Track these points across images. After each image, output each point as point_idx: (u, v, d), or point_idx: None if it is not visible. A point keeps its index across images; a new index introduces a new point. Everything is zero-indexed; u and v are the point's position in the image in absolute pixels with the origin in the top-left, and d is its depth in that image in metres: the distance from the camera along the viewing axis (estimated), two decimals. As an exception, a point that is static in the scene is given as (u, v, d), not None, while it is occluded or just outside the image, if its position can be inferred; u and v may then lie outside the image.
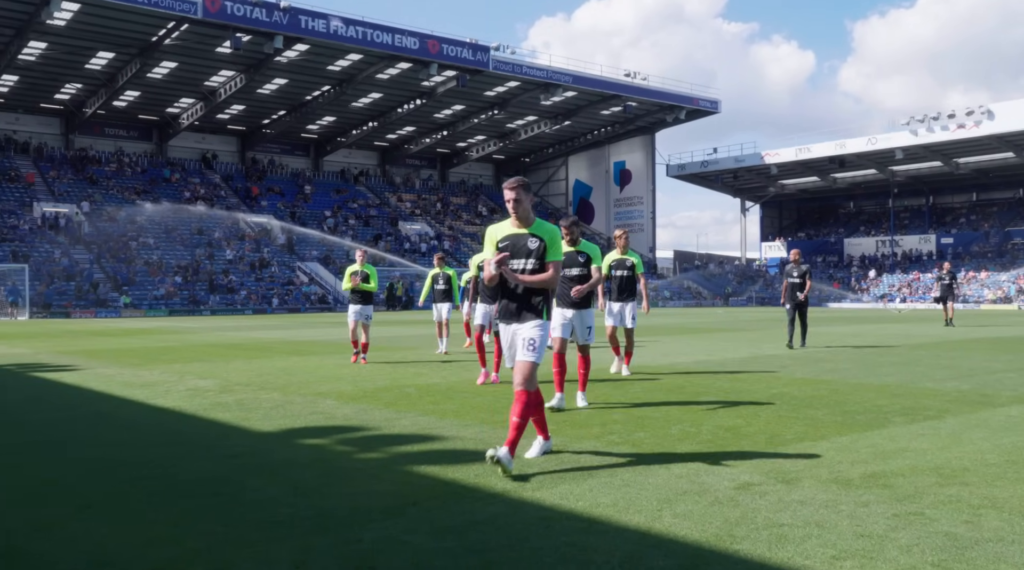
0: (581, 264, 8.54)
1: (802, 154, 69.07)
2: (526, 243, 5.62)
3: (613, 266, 11.05)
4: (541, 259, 5.61)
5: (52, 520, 4.39)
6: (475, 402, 8.71)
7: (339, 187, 67.67)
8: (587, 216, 77.68)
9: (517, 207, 5.63)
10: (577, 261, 8.49)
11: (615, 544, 3.87)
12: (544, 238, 5.63)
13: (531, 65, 56.74)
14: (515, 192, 5.62)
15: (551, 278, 5.60)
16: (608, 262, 10.85)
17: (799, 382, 10.31)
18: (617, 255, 11.04)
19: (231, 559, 3.70)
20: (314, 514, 4.41)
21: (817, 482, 4.98)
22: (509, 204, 5.65)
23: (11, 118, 56.94)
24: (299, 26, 46.00)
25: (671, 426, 7.07)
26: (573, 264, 8.46)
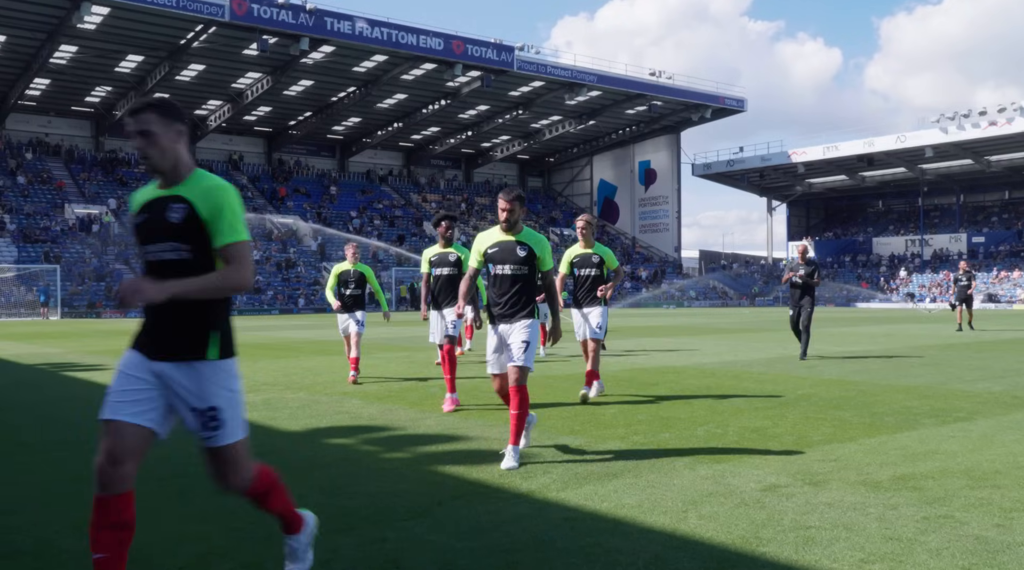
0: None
1: (830, 152, 68.36)
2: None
3: (576, 263, 9.09)
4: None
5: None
6: (498, 402, 8.71)
7: (364, 188, 68.01)
8: (612, 216, 77.46)
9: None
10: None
11: (640, 545, 3.86)
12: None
13: (555, 65, 56.67)
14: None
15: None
16: (569, 259, 9.11)
17: (826, 383, 10.22)
18: (580, 250, 9.06)
19: (258, 557, 3.74)
20: (340, 513, 4.45)
21: (845, 484, 4.94)
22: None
23: (43, 121, 57.81)
24: (325, 28, 46.28)
25: (696, 427, 7.03)
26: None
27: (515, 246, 5.95)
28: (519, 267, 5.93)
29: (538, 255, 5.94)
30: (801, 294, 13.60)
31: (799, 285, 13.64)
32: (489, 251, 6.03)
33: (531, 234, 6.04)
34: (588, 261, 8.94)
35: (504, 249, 5.98)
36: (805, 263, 13.72)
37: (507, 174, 78.80)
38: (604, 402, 8.67)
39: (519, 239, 5.97)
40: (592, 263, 8.91)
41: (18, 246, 46.73)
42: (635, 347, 17.20)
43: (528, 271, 5.94)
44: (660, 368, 12.49)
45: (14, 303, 42.93)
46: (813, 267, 13.68)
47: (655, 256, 72.92)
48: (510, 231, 5.99)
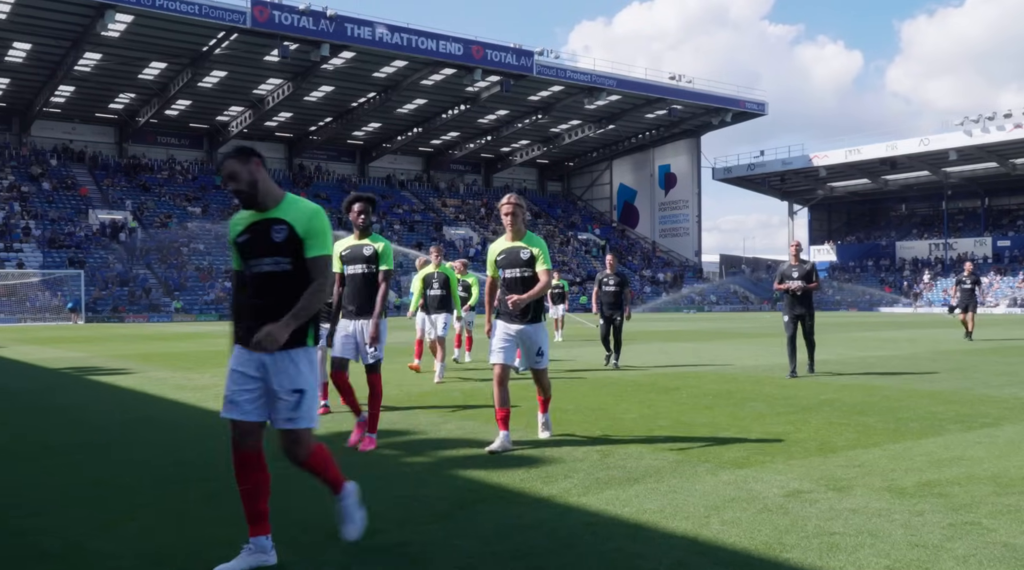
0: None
1: (852, 156, 67.86)
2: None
3: (500, 262, 6.50)
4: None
5: (111, 519, 4.50)
6: (520, 407, 8.71)
7: (384, 193, 68.25)
8: (632, 220, 77.29)
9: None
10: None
11: (662, 550, 3.85)
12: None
13: (575, 69, 56.68)
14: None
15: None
16: (493, 256, 6.55)
17: (849, 388, 10.13)
18: (506, 244, 6.48)
19: (283, 561, 3.75)
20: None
21: (869, 490, 4.89)
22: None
23: (68, 128, 58.53)
24: (345, 34, 46.57)
25: (718, 432, 7.00)
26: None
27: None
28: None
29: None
30: (798, 301, 11.51)
31: (797, 294, 11.49)
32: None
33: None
34: (515, 258, 6.38)
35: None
36: (799, 263, 11.67)
37: (526, 179, 78.84)
38: (624, 406, 8.65)
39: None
40: (520, 260, 6.35)
41: (43, 251, 47.32)
42: (655, 351, 17.14)
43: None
44: (680, 373, 12.44)
45: (39, 308, 43.45)
46: (809, 268, 11.65)
47: (675, 260, 72.67)
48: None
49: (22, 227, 48.75)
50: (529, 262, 6.34)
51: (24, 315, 42.69)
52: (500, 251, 6.47)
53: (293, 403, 3.65)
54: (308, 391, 3.69)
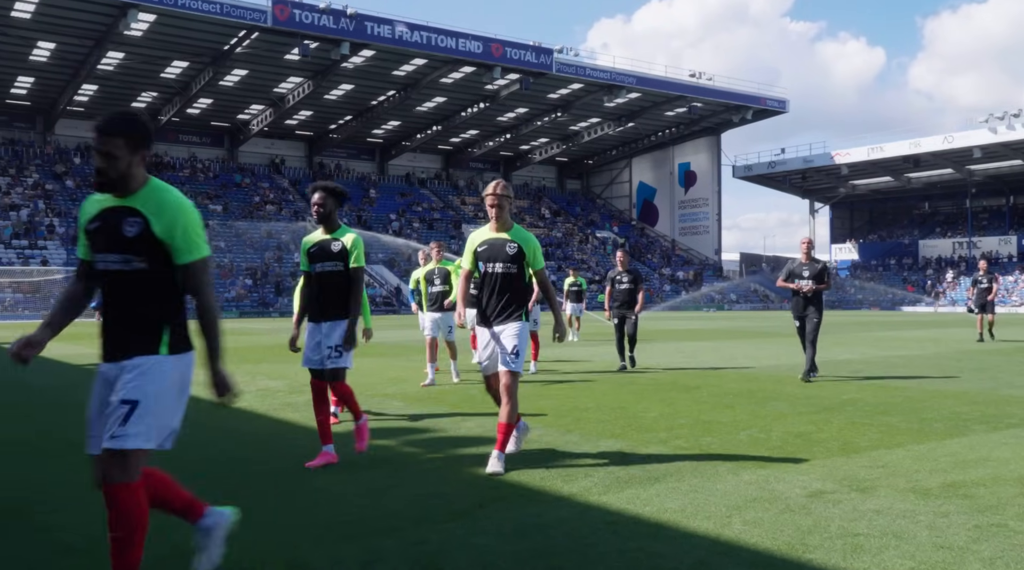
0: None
1: (874, 154, 67.24)
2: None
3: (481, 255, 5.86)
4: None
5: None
6: (538, 404, 8.71)
7: (404, 191, 68.43)
8: (651, 218, 77.01)
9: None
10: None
11: (683, 550, 3.82)
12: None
13: (594, 67, 56.54)
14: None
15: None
16: (473, 247, 5.90)
17: (872, 388, 10.04)
18: (490, 234, 5.85)
19: (303, 557, 3.77)
20: (382, 514, 4.47)
21: (894, 491, 4.84)
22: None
23: (90, 126, 58.45)
24: (365, 32, 46.70)
25: (739, 431, 6.95)
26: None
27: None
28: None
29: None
30: (806, 302, 10.90)
31: (807, 295, 10.86)
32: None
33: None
34: (499, 251, 5.74)
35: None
36: (810, 262, 10.97)
37: (545, 177, 78.77)
38: (644, 405, 8.62)
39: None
40: (506, 255, 5.71)
41: (67, 249, 47.82)
42: (675, 350, 17.06)
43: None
44: (700, 371, 12.38)
45: (63, 304, 43.93)
46: (821, 267, 10.94)
47: (695, 258, 72.35)
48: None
49: (46, 225, 49.30)
50: (516, 258, 5.70)
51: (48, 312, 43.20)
52: (482, 242, 5.82)
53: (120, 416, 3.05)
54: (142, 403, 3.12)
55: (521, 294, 5.81)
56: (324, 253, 5.88)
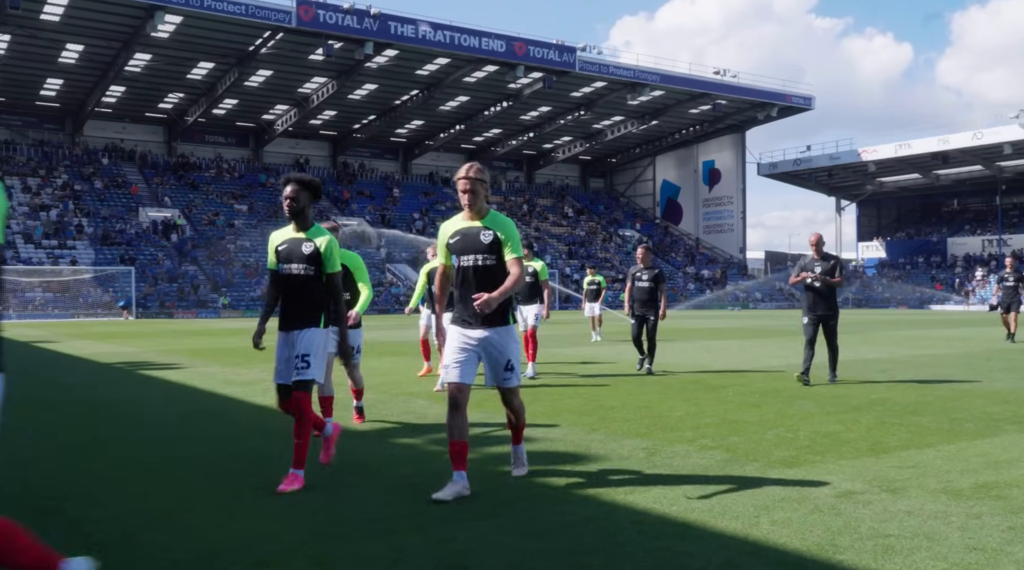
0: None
1: (902, 150, 66.46)
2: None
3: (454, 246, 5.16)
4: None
5: (164, 511, 4.58)
6: (563, 404, 8.69)
7: (427, 189, 68.62)
8: (675, 217, 76.65)
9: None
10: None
11: (712, 550, 3.80)
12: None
13: (618, 65, 56.33)
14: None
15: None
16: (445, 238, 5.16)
17: (902, 387, 9.92)
18: (463, 223, 5.15)
19: (331, 555, 3.78)
20: (409, 512, 4.48)
21: (925, 492, 4.78)
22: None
23: (118, 127, 59.80)
24: (388, 32, 46.86)
25: (766, 431, 6.90)
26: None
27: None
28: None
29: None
30: (820, 298, 10.31)
31: (817, 289, 10.30)
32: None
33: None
34: (474, 241, 5.00)
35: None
36: (821, 258, 10.35)
37: (568, 175, 78.64)
38: (670, 404, 8.57)
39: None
40: (481, 245, 4.97)
41: (95, 248, 48.44)
42: (700, 349, 16.96)
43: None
44: (726, 371, 12.30)
45: (92, 303, 44.49)
46: (833, 263, 10.32)
47: (719, 257, 71.93)
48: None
49: (75, 225, 49.95)
50: (492, 247, 4.95)
51: (77, 311, 43.75)
52: (454, 232, 5.09)
53: None
54: None
55: None
56: (294, 253, 5.26)
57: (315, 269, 5.26)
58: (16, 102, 54.68)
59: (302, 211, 5.33)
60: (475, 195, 5.00)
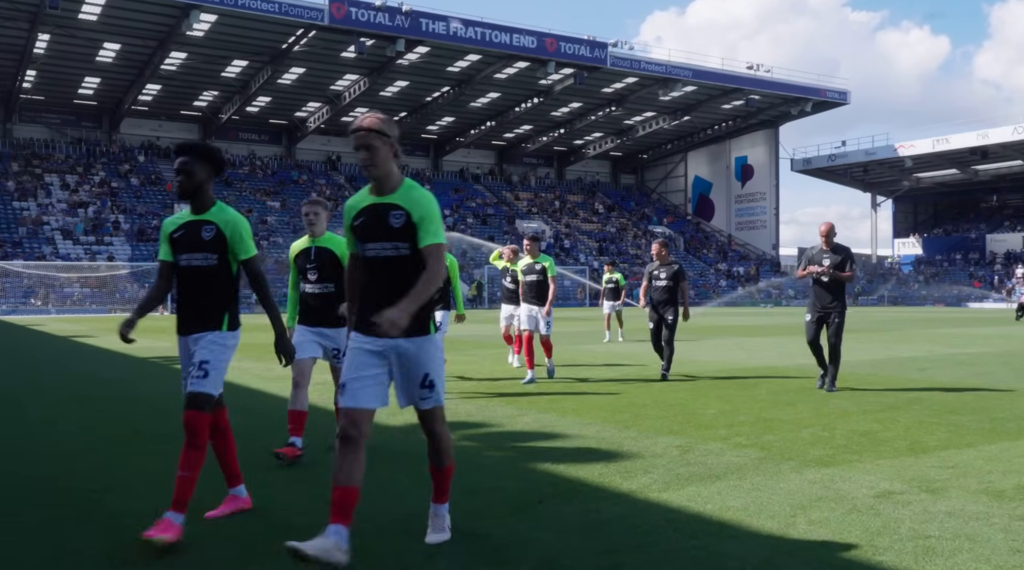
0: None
1: (940, 145, 65.37)
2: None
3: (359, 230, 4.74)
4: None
5: (199, 505, 4.62)
6: (594, 400, 8.67)
7: (458, 186, 68.75)
8: (707, 213, 76.07)
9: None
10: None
11: (748, 549, 3.76)
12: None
13: (649, 60, 55.99)
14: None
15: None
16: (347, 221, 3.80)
17: (940, 386, 9.77)
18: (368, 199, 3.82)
19: (368, 547, 3.80)
20: (443, 508, 4.48)
21: (965, 492, 4.70)
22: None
23: (154, 125, 60.63)
24: (420, 29, 46.99)
25: (801, 429, 6.82)
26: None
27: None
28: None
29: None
30: (827, 293, 9.36)
31: (824, 283, 9.37)
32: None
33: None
34: (381, 224, 3.76)
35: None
36: (831, 250, 9.40)
37: (599, 171, 78.37)
38: (703, 401, 8.51)
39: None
40: (388, 228, 3.74)
41: (131, 245, 49.17)
42: (733, 346, 16.82)
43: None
44: (760, 368, 12.19)
45: (128, 298, 45.18)
46: (843, 256, 9.36)
47: (752, 254, 71.28)
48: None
49: (112, 221, 50.74)
50: (404, 232, 3.64)
51: (114, 305, 44.44)
52: (358, 212, 3.79)
53: None
54: None
55: None
56: (191, 241, 4.27)
57: (219, 258, 4.30)
58: (55, 101, 55.65)
59: (199, 188, 4.26)
60: (373, 153, 3.64)
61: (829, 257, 9.34)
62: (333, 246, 5.98)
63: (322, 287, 5.97)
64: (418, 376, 3.80)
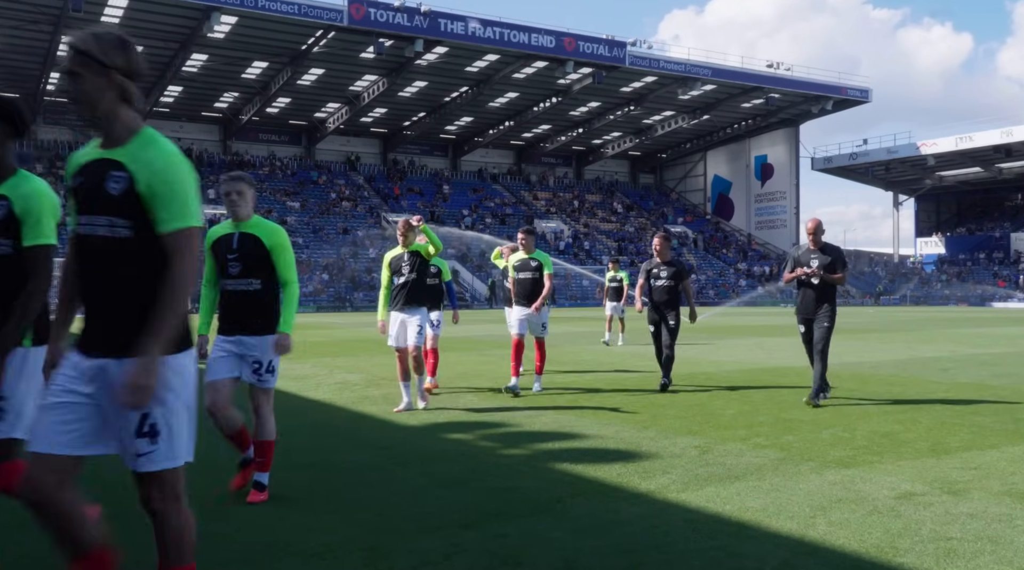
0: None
1: (963, 143, 64.67)
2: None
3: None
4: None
5: (226, 502, 4.67)
6: (612, 400, 8.66)
7: (476, 186, 68.81)
8: (726, 212, 75.69)
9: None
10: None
11: (767, 550, 3.75)
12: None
13: (668, 59, 55.77)
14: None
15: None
16: None
17: (963, 387, 9.67)
18: None
19: (386, 548, 3.82)
20: (460, 507, 4.50)
21: (988, 494, 4.65)
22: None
23: (176, 126, 61.12)
24: (438, 29, 47.09)
25: (821, 430, 6.78)
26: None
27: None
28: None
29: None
30: (815, 297, 8.41)
31: (813, 286, 8.40)
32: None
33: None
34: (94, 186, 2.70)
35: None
36: (819, 250, 8.43)
37: (618, 171, 78.17)
38: (721, 402, 8.48)
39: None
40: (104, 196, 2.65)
41: (154, 245, 49.62)
42: (752, 346, 16.73)
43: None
44: (779, 368, 12.12)
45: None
46: (834, 257, 8.40)
47: (772, 253, 70.85)
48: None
49: (135, 222, 51.23)
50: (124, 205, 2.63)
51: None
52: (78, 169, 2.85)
53: None
54: None
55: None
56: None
57: (11, 243, 3.29)
58: (78, 103, 56.24)
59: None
60: (78, 79, 2.72)
61: (818, 258, 8.37)
62: (261, 233, 4.72)
63: (245, 283, 4.74)
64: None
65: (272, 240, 4.68)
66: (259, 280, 4.70)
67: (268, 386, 4.91)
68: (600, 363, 13.06)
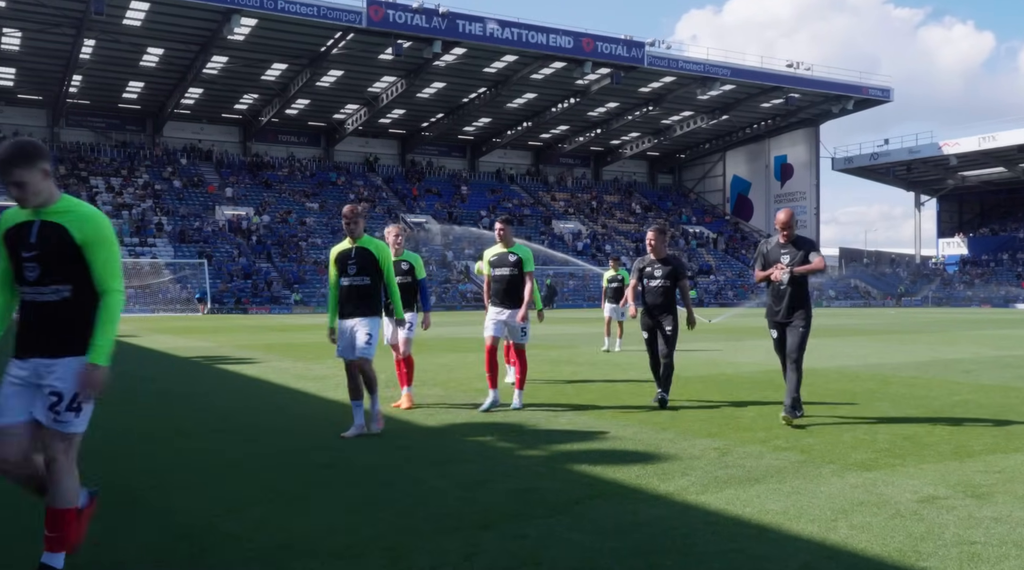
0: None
1: (986, 143, 64.05)
2: None
3: None
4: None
5: (244, 502, 4.70)
6: (630, 401, 8.62)
7: (494, 187, 68.88)
8: (745, 213, 75.31)
9: None
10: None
11: (787, 553, 3.72)
12: None
13: (687, 59, 55.59)
14: None
15: None
16: None
17: (986, 389, 9.56)
18: None
19: (405, 549, 3.82)
20: (480, 508, 4.50)
21: (1012, 498, 4.59)
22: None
23: (196, 128, 61.63)
24: (457, 30, 47.19)
25: (843, 432, 6.72)
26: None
27: None
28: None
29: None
30: (789, 299, 7.31)
31: (785, 285, 7.27)
32: None
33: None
34: None
35: None
36: (791, 244, 7.45)
37: (636, 172, 78.00)
38: (742, 405, 8.43)
39: None
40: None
41: (174, 246, 49.99)
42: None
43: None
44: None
45: (171, 299, 45.96)
46: (807, 251, 7.37)
47: (791, 254, 70.40)
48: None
49: (155, 223, 51.65)
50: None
51: (157, 306, 45.22)
52: None
53: None
54: None
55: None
56: None
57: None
58: (100, 105, 56.82)
59: None
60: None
61: (789, 253, 7.32)
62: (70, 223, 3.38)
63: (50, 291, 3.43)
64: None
65: (85, 232, 3.36)
66: (68, 287, 3.39)
67: (68, 430, 3.37)
68: (617, 364, 13.02)
